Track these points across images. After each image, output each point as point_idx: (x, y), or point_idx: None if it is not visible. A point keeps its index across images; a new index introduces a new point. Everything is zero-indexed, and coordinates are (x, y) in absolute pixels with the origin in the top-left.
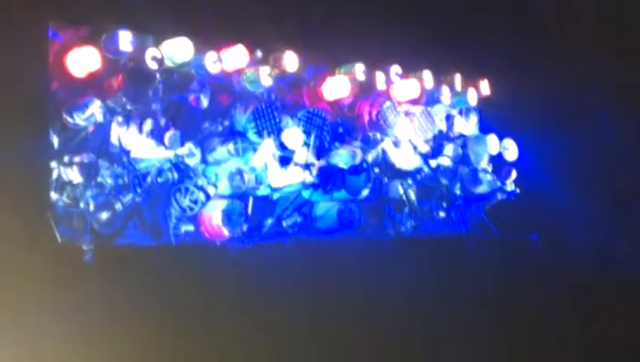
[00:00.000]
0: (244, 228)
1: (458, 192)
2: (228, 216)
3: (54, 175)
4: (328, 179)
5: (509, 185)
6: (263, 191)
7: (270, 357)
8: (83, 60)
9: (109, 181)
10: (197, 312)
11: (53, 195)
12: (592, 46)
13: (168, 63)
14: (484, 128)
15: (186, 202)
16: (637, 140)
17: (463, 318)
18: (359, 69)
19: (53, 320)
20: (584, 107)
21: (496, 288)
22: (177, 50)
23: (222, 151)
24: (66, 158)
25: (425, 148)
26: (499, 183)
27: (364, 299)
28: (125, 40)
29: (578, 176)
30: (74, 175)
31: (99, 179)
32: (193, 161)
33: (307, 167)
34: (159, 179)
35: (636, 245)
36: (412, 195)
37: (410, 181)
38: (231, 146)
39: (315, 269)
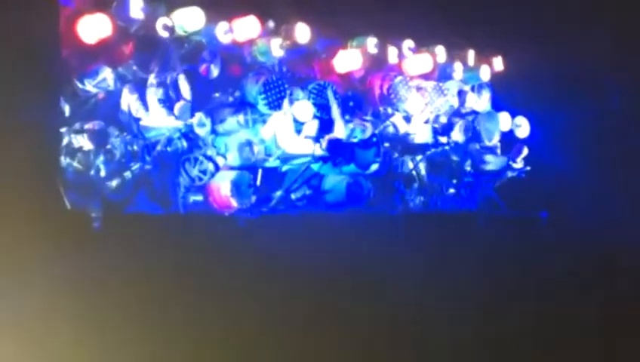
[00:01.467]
0: (253, 199)
1: (468, 169)
2: (237, 187)
3: (65, 141)
4: (338, 152)
5: (520, 163)
6: (272, 163)
7: (275, 328)
8: (94, 27)
9: (119, 148)
10: (204, 281)
11: (64, 161)
12: (605, 24)
13: (179, 32)
14: (497, 105)
15: (195, 172)
16: None
17: (470, 294)
18: (371, 43)
19: (61, 286)
20: (597, 85)
21: (504, 265)
22: (189, 19)
23: (232, 121)
24: (76, 125)
25: (436, 124)
26: (509, 161)
27: (372, 273)
28: (136, 7)
29: (589, 153)
30: (84, 142)
31: (109, 147)
32: (203, 131)
33: (317, 139)
34: (169, 148)
35: None
36: (422, 171)
37: (420, 156)
38: (241, 117)
39: (322, 242)
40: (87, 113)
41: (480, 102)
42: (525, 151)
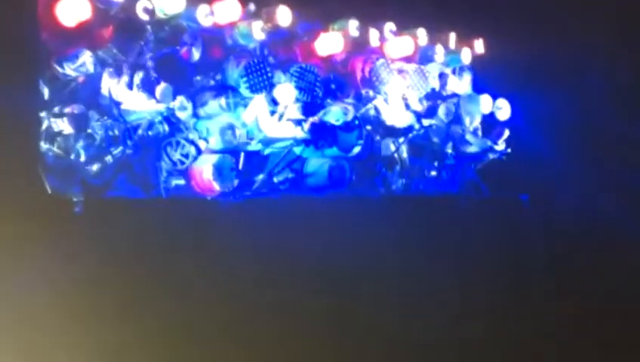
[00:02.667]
0: (235, 183)
1: (450, 151)
2: (219, 171)
3: (44, 125)
4: (320, 135)
5: (501, 145)
6: (254, 146)
7: (258, 313)
8: (73, 9)
9: (100, 133)
10: (186, 266)
11: (43, 146)
12: (586, 5)
13: (159, 15)
14: (478, 87)
15: (176, 156)
16: (630, 100)
17: (453, 277)
18: (353, 26)
19: (41, 272)
20: (578, 67)
21: (486, 247)
22: (169, 1)
23: (213, 105)
24: (56, 109)
25: (417, 107)
26: (489, 143)
27: (354, 256)
28: None
29: (570, 136)
30: (64, 126)
31: (89, 131)
32: (184, 115)
33: (299, 122)
34: (150, 132)
35: (626, 204)
36: (404, 153)
37: (401, 139)
38: (222, 101)
39: (305, 226)
40: (67, 97)
41: (461, 84)
42: (506, 133)
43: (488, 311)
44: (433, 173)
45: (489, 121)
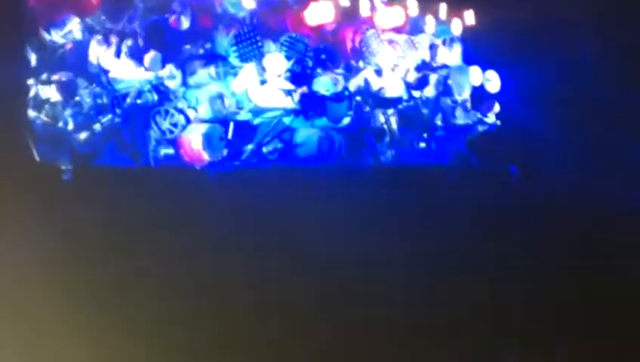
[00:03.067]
0: (224, 152)
1: (439, 123)
2: (208, 140)
3: (32, 93)
4: (310, 105)
5: (491, 117)
6: (243, 116)
7: (246, 284)
8: None
9: (88, 100)
10: (174, 236)
11: (31, 113)
12: None
13: None
14: (468, 59)
15: (165, 125)
16: (620, 71)
17: (442, 248)
18: None
19: (31, 240)
20: (567, 38)
21: (474, 219)
22: None
23: (203, 74)
24: (43, 76)
25: (407, 78)
26: (479, 115)
27: (343, 227)
28: None
29: (560, 108)
30: (52, 93)
31: (77, 99)
32: (173, 84)
33: (289, 92)
34: (139, 101)
35: (618, 178)
36: (393, 124)
37: (391, 110)
38: (212, 70)
39: (294, 196)
40: (54, 64)
41: (451, 56)
42: (496, 106)
43: (477, 283)
44: (422, 144)
45: (479, 93)
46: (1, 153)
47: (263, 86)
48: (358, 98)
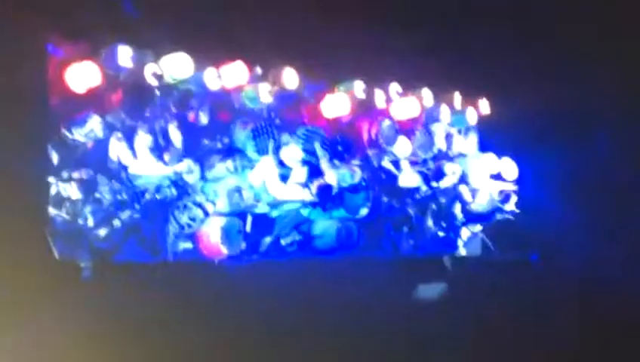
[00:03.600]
0: (243, 246)
1: (457, 211)
2: (226, 234)
3: (53, 190)
4: (327, 197)
5: (509, 205)
6: (261, 208)
7: None
8: (82, 75)
9: (108, 197)
10: (194, 330)
11: (52, 211)
12: (591, 64)
13: (168, 79)
14: (484, 147)
15: (184, 219)
16: (636, 156)
17: (463, 338)
18: (359, 87)
19: (51, 337)
20: (584, 124)
21: (497, 308)
22: (177, 65)
23: (221, 168)
24: (64, 174)
25: (424, 168)
26: (498, 203)
27: (362, 319)
28: (125, 55)
29: (578, 194)
30: (72, 191)
31: (97, 195)
32: (192, 178)
33: (306, 185)
34: (157, 196)
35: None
36: (411, 214)
37: (409, 200)
38: (230, 163)
39: (313, 288)
40: (75, 162)
41: (467, 144)
42: (514, 197)
43: None
44: (441, 233)
45: (496, 181)
46: (22, 250)
47: (281, 178)
48: (376, 188)
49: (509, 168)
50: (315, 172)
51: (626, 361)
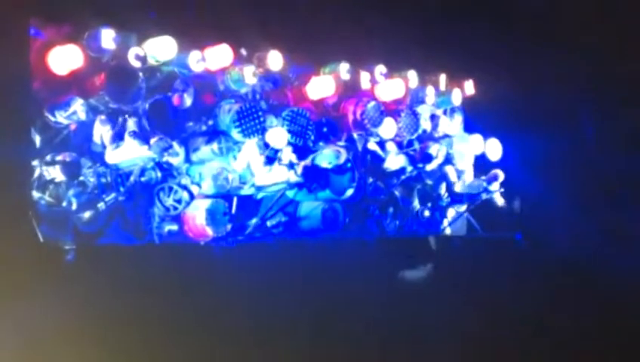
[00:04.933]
0: (228, 227)
1: (443, 192)
2: (212, 216)
3: (36, 174)
4: (313, 178)
5: (494, 185)
6: (247, 190)
7: (253, 357)
8: (65, 58)
9: (92, 180)
10: (180, 312)
11: (35, 194)
12: (576, 45)
13: (151, 62)
14: (469, 128)
15: (169, 201)
16: (620, 138)
17: (448, 317)
18: (344, 69)
19: (34, 320)
20: (567, 106)
21: (481, 287)
22: (161, 48)
23: (206, 150)
24: (48, 157)
25: (409, 149)
26: (484, 184)
27: (349, 300)
28: (108, 38)
29: (561, 175)
30: (56, 173)
31: (81, 178)
32: (177, 160)
33: (291, 166)
34: (142, 179)
35: (619, 242)
36: (396, 195)
37: (394, 181)
38: (215, 146)
39: (299, 269)
40: (58, 145)
41: (452, 125)
42: (501, 176)
43: (484, 351)
44: (427, 213)
45: (481, 161)
46: (5, 234)
47: (266, 160)
48: (361, 170)
49: (494, 149)
50: (300, 153)
51: (609, 335)
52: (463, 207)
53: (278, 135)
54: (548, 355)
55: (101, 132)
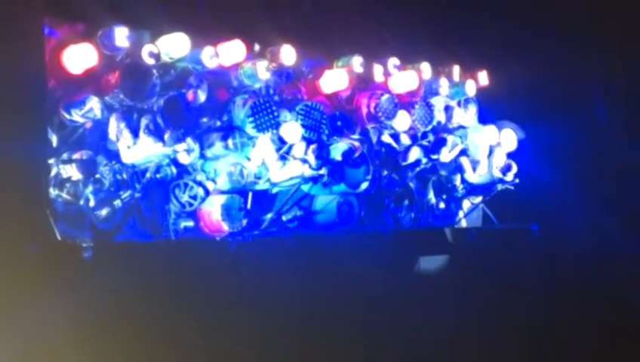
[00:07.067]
0: (244, 222)
1: (458, 183)
2: (227, 211)
3: (53, 172)
4: (327, 172)
5: (509, 176)
6: (262, 185)
7: (270, 352)
8: (80, 57)
9: (108, 177)
10: (197, 307)
11: (52, 192)
12: (589, 35)
13: (165, 59)
14: (483, 119)
15: (185, 198)
16: (636, 127)
17: (465, 309)
18: (357, 62)
19: (53, 318)
20: (582, 95)
21: (497, 278)
22: (174, 45)
23: (220, 146)
24: (64, 155)
25: (424, 141)
26: (499, 174)
27: (365, 293)
28: (122, 36)
29: (577, 164)
30: (73, 172)
31: (97, 176)
32: (192, 157)
33: (306, 160)
34: (158, 175)
35: (634, 231)
36: (411, 187)
37: (409, 173)
38: (229, 141)
39: (315, 263)
40: (74, 143)
41: (467, 116)
42: (515, 167)
43: (500, 342)
44: (442, 205)
45: (496, 152)
46: (23, 232)
47: (280, 155)
48: (376, 162)
49: (509, 139)
50: (315, 147)
51: (627, 325)
52: (479, 199)
53: (292, 129)
54: (564, 345)
55: (116, 129)
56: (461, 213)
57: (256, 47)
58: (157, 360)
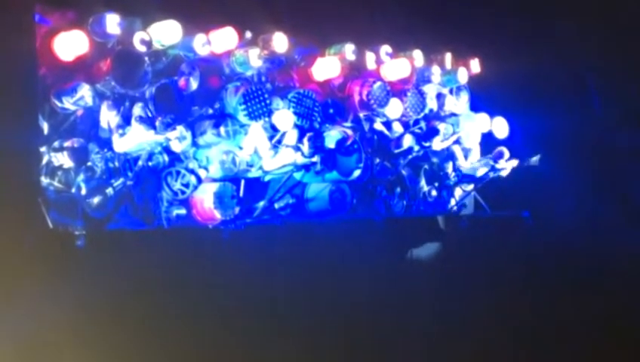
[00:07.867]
0: (236, 210)
1: (450, 171)
2: (220, 199)
3: (44, 160)
4: (320, 160)
5: (501, 164)
6: (254, 173)
7: (262, 338)
8: (71, 44)
9: (100, 165)
10: (190, 295)
11: (44, 180)
12: (581, 23)
13: (157, 46)
14: (475, 106)
15: (177, 185)
16: (628, 114)
17: (457, 296)
18: (349, 49)
19: (45, 305)
20: (574, 83)
21: (489, 265)
22: (166, 32)
23: (212, 133)
24: (56, 143)
25: (416, 128)
26: (491, 162)
27: (357, 280)
28: (113, 23)
29: (569, 151)
30: (64, 159)
31: (89, 164)
32: (184, 144)
33: (298, 148)
34: (150, 163)
35: (628, 219)
36: (404, 175)
37: (402, 161)
38: (222, 129)
39: (307, 251)
40: (66, 131)
41: (458, 104)
42: (507, 154)
43: (493, 330)
44: (434, 193)
45: (487, 139)
46: (15, 220)
47: (273, 143)
48: (368, 150)
49: (501, 127)
50: (311, 135)
51: (617, 312)
52: (470, 186)
53: (284, 117)
54: (556, 332)
55: (108, 117)
56: (453, 201)
57: (248, 35)
58: (149, 347)
